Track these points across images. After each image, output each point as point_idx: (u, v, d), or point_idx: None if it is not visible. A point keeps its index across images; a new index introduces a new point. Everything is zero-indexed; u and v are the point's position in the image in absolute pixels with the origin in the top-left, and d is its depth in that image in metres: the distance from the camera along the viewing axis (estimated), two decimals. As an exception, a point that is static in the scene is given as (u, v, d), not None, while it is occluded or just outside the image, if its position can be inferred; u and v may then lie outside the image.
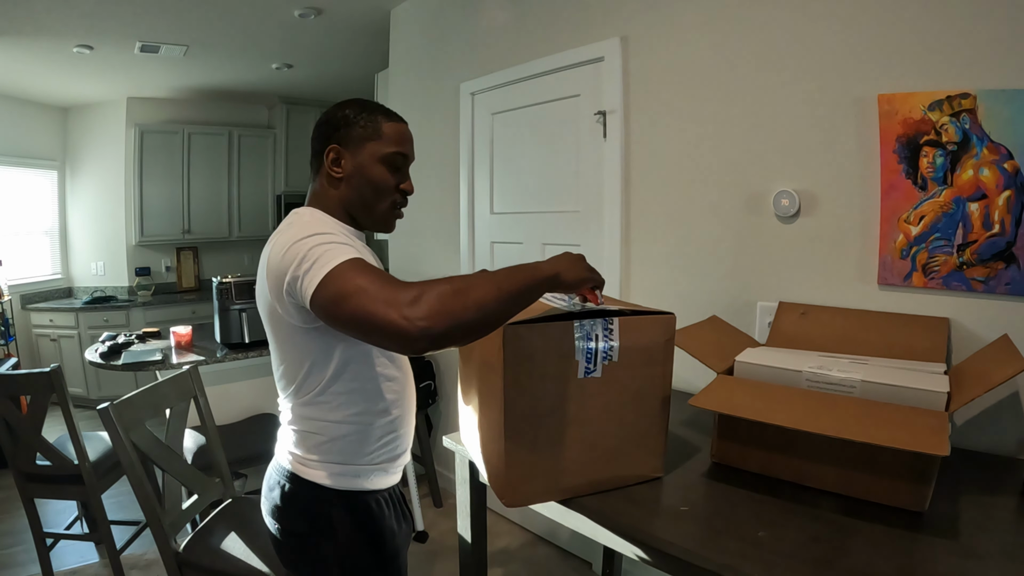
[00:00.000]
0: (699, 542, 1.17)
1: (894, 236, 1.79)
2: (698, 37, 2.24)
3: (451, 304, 1.01)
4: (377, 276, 1.07)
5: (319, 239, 1.15)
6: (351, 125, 1.37)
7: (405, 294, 1.01)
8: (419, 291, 1.01)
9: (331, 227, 1.25)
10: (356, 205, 1.39)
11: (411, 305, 0.99)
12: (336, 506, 1.36)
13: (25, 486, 2.67)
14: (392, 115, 1.41)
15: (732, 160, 2.17)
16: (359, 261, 1.11)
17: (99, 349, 3.40)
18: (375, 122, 1.37)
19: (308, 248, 1.15)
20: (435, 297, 1.00)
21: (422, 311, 0.99)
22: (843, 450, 1.29)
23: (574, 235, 2.79)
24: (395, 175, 1.39)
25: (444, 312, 1.00)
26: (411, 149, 1.43)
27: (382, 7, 3.83)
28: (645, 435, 1.37)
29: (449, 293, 1.02)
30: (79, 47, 4.30)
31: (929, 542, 1.14)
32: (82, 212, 6.13)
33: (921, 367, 1.53)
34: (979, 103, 1.62)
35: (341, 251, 1.12)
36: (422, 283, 1.04)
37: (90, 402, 5.40)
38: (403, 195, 1.42)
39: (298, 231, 1.20)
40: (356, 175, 1.37)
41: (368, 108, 1.39)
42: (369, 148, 1.36)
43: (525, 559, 2.99)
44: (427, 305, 0.99)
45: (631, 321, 1.30)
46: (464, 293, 1.03)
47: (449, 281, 1.04)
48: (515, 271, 1.12)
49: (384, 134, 1.37)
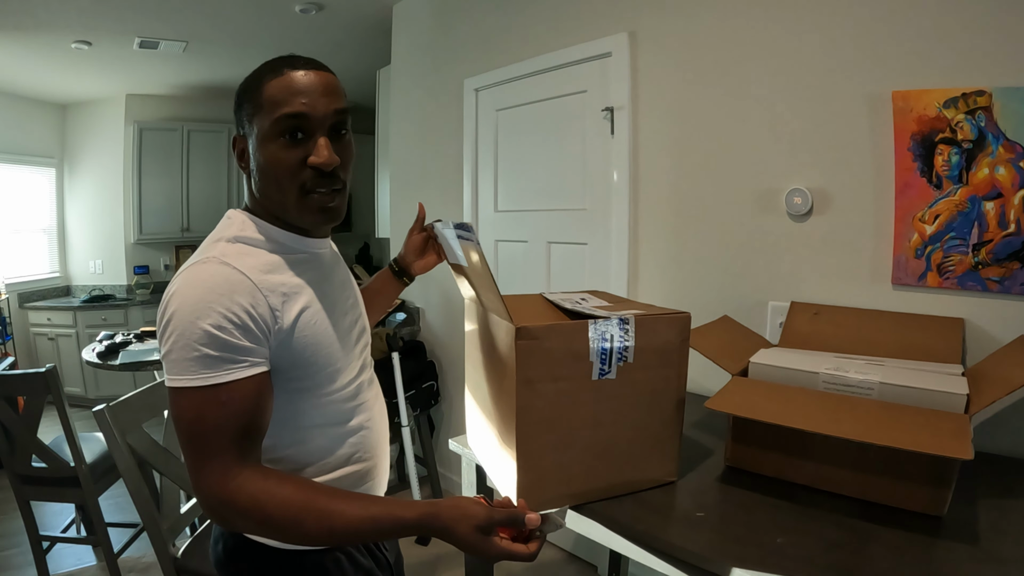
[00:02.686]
0: (717, 550, 1.14)
1: (908, 235, 1.77)
2: (708, 32, 2.22)
3: (254, 531, 0.97)
4: (206, 432, 0.92)
5: (185, 329, 0.92)
6: (242, 107, 1.07)
7: (219, 487, 0.92)
8: (235, 495, 0.91)
9: (246, 267, 0.98)
10: (273, 205, 1.08)
11: (218, 503, 0.92)
12: (283, 570, 1.12)
13: (21, 488, 2.65)
14: (279, 66, 1.04)
15: (743, 157, 2.15)
16: (209, 396, 0.92)
17: (96, 349, 3.38)
18: (258, 90, 1.03)
19: (166, 326, 0.94)
20: (235, 518, 0.93)
21: (223, 517, 0.94)
22: (861, 453, 1.27)
23: (581, 233, 2.76)
24: (296, 148, 1.02)
25: (241, 529, 0.98)
26: (315, 101, 1.02)
27: (384, 2, 3.81)
28: (659, 438, 1.34)
29: (258, 528, 0.95)
30: (77, 43, 4.29)
31: (949, 547, 1.12)
32: (80, 210, 6.10)
33: (938, 368, 1.51)
34: (994, 100, 1.60)
35: (195, 364, 0.91)
36: (247, 490, 0.92)
37: (88, 402, 5.37)
38: (315, 172, 1.04)
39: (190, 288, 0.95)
40: (256, 165, 1.06)
41: (254, 75, 1.06)
42: (257, 126, 1.03)
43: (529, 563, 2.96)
44: (234, 515, 0.93)
45: (646, 321, 1.27)
46: (281, 534, 0.95)
47: (265, 517, 0.92)
48: (380, 527, 0.95)
49: (266, 100, 1.02)
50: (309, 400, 1.07)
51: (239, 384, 0.93)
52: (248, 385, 0.94)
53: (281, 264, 1.05)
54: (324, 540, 0.97)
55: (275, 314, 0.98)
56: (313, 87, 1.02)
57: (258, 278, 0.98)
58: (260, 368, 0.97)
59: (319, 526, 0.92)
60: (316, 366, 1.05)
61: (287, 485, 0.94)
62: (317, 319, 1.06)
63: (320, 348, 1.05)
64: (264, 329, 0.97)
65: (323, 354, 1.06)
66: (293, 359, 1.02)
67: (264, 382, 0.97)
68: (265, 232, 1.07)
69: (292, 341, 1.01)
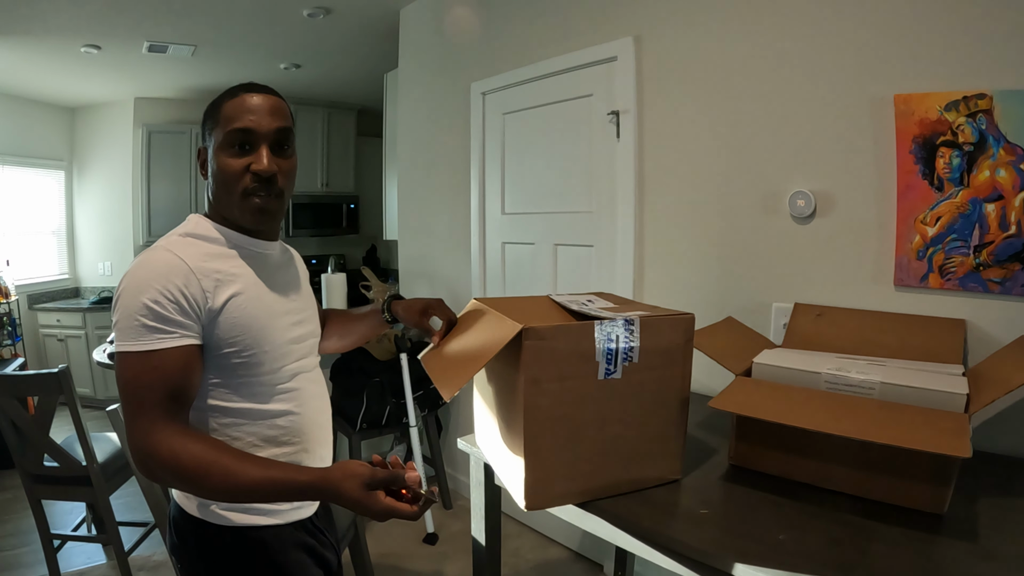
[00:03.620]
0: (720, 545, 1.16)
1: (910, 237, 1.78)
2: (712, 36, 2.24)
3: (171, 483, 1.08)
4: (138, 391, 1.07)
5: (129, 303, 1.08)
6: (206, 120, 1.24)
7: (144, 438, 1.05)
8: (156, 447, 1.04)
9: (186, 255, 1.14)
10: (222, 206, 1.25)
11: (142, 454, 1.05)
12: (228, 545, 1.22)
13: (32, 487, 2.67)
14: (237, 90, 1.22)
15: (747, 160, 2.16)
16: (143, 360, 1.07)
17: (107, 349, 3.41)
18: (217, 108, 1.21)
19: (116, 302, 1.11)
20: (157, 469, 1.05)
21: (145, 466, 1.05)
22: (862, 452, 1.28)
23: (587, 236, 2.78)
24: (242, 157, 1.20)
25: (162, 481, 1.08)
26: (260, 119, 1.19)
27: (392, 6, 3.83)
28: (664, 437, 1.37)
29: (175, 480, 1.06)
30: (87, 47, 4.31)
31: (949, 544, 1.14)
32: (89, 212, 6.14)
33: (939, 368, 1.53)
34: (995, 103, 1.62)
35: (134, 333, 1.07)
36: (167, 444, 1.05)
37: (97, 402, 5.42)
38: (255, 177, 1.20)
39: (137, 269, 1.12)
40: (211, 173, 1.23)
41: (219, 96, 1.24)
42: (215, 138, 1.20)
43: (536, 562, 2.99)
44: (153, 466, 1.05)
45: (651, 322, 1.29)
46: (191, 485, 1.06)
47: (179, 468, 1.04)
48: (277, 486, 1.06)
49: (222, 117, 1.20)
50: (238, 378, 1.19)
51: (169, 352, 1.08)
52: (176, 353, 1.09)
53: (221, 256, 1.21)
54: (228, 495, 1.07)
55: (206, 295, 1.13)
56: (261, 108, 1.20)
57: (195, 264, 1.14)
58: (189, 340, 1.11)
59: (224, 481, 1.03)
60: (242, 345, 1.17)
61: (201, 443, 1.07)
62: (247, 304, 1.18)
63: (248, 331, 1.18)
64: (195, 307, 1.12)
65: (250, 336, 1.18)
66: (221, 336, 1.15)
67: (192, 353, 1.12)
68: (214, 230, 1.24)
69: (219, 320, 1.15)
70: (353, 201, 6.76)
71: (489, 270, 3.34)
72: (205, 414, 1.19)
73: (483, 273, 3.38)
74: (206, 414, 1.19)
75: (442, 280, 3.72)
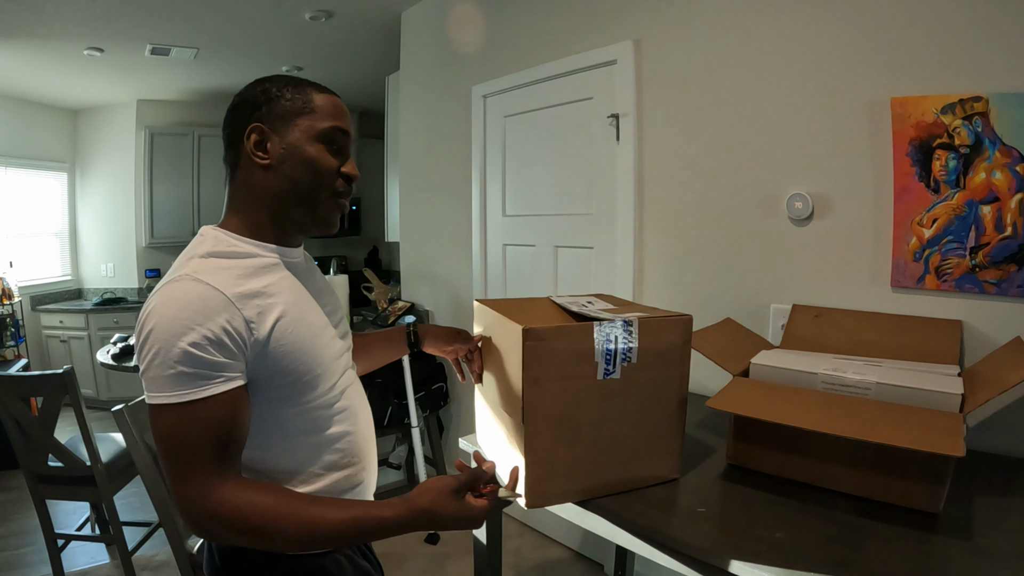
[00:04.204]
0: (716, 543, 1.17)
1: (907, 239, 1.79)
2: (711, 40, 2.25)
3: (237, 541, 0.99)
4: (186, 447, 0.94)
5: (161, 347, 0.93)
6: (275, 100, 1.11)
7: (200, 500, 0.94)
8: (217, 506, 0.94)
9: (218, 282, 0.99)
10: (288, 199, 1.11)
11: (200, 516, 0.94)
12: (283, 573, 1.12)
13: (37, 487, 2.69)
14: (322, 87, 1.17)
15: (745, 163, 2.18)
16: (187, 412, 0.94)
17: (111, 350, 3.42)
18: (305, 94, 1.12)
19: (143, 344, 0.96)
20: (219, 529, 0.95)
21: (205, 529, 0.95)
22: (858, 451, 1.30)
23: (587, 238, 2.80)
24: (336, 156, 1.14)
25: (225, 540, 0.99)
26: (350, 125, 1.17)
27: (393, 9, 3.85)
28: (662, 436, 1.38)
29: (242, 538, 0.97)
30: (89, 50, 4.33)
31: (943, 542, 1.15)
32: (92, 214, 6.17)
33: (935, 369, 1.54)
34: (991, 106, 1.63)
35: (173, 381, 0.93)
36: (229, 501, 0.94)
37: (101, 403, 5.43)
38: (346, 181, 1.15)
39: (165, 307, 0.96)
40: (288, 158, 1.09)
41: (293, 81, 1.15)
42: (301, 124, 1.10)
43: (537, 561, 3.00)
44: (216, 527, 0.95)
45: (650, 323, 1.30)
46: (263, 541, 0.98)
47: (248, 525, 0.95)
48: (362, 528, 0.99)
49: (317, 106, 1.12)
50: (292, 408, 1.08)
51: (215, 400, 0.95)
52: (224, 400, 0.96)
53: (254, 275, 1.06)
54: (307, 545, 1.00)
55: (250, 326, 1.00)
56: (348, 114, 1.17)
57: (232, 292, 0.99)
58: (236, 383, 0.98)
59: (301, 531, 0.95)
60: (296, 373, 1.06)
61: (268, 494, 0.97)
62: (293, 327, 1.06)
63: (299, 356, 1.06)
64: (240, 343, 0.98)
65: (302, 361, 1.07)
66: (272, 369, 1.03)
67: (240, 396, 0.99)
68: (237, 245, 1.09)
69: (268, 351, 1.02)
70: (355, 203, 6.77)
71: (490, 272, 3.36)
72: (261, 453, 1.08)
73: (484, 275, 3.39)
74: (262, 452, 1.08)
75: (443, 282, 3.73)
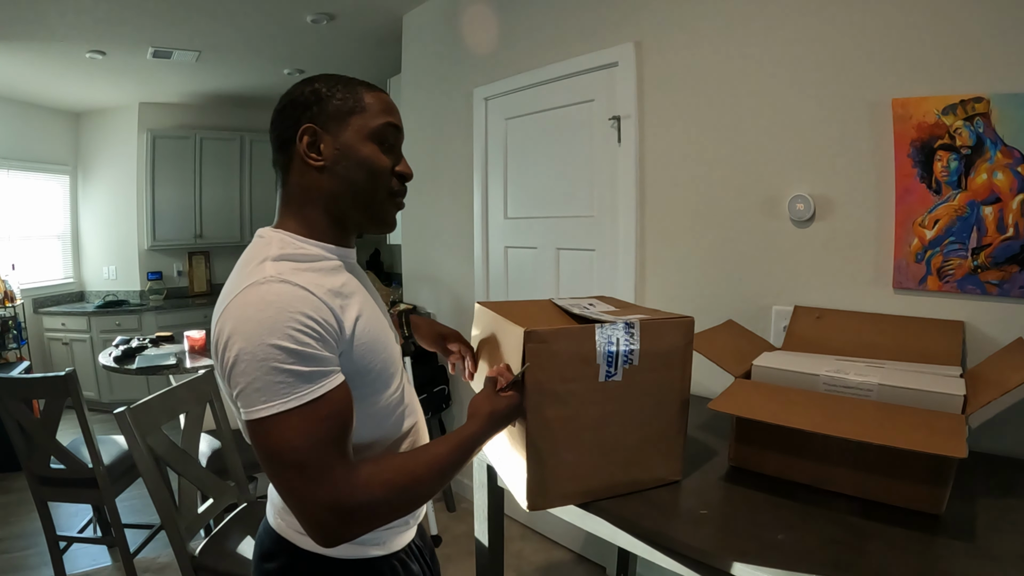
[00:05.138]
0: (719, 545, 1.17)
1: (909, 240, 1.79)
2: (712, 42, 2.25)
3: (388, 515, 0.98)
4: (315, 448, 0.90)
5: (258, 353, 0.88)
6: (325, 100, 1.08)
7: (341, 496, 0.90)
8: (359, 494, 0.92)
9: (304, 282, 0.96)
10: (345, 200, 1.09)
11: (345, 513, 0.91)
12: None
13: (39, 489, 2.69)
14: (372, 85, 1.14)
15: (747, 165, 2.18)
16: (307, 413, 0.90)
17: (113, 353, 3.43)
18: (355, 92, 1.10)
19: (233, 357, 0.90)
20: (371, 512, 0.94)
21: (350, 525, 0.93)
22: (861, 453, 1.30)
23: (589, 240, 2.80)
24: (389, 155, 1.12)
25: (376, 522, 0.97)
26: (400, 122, 1.15)
27: (394, 12, 3.86)
28: (664, 438, 1.38)
29: (391, 506, 0.97)
30: (91, 53, 4.34)
31: (946, 544, 1.15)
32: (94, 216, 6.17)
33: (937, 370, 1.54)
34: (992, 107, 1.63)
35: (286, 386, 0.89)
36: (368, 479, 0.94)
37: (102, 406, 5.44)
38: (400, 180, 1.14)
39: (253, 312, 0.91)
40: (342, 159, 1.07)
41: (342, 80, 1.12)
42: (354, 123, 1.08)
43: (539, 564, 3.00)
44: (361, 520, 0.94)
45: (651, 325, 1.30)
46: (410, 502, 1.00)
47: (393, 488, 0.96)
48: (463, 447, 1.09)
49: (368, 104, 1.10)
50: (366, 410, 1.06)
51: (334, 393, 0.93)
52: (341, 391, 0.95)
53: (329, 275, 1.05)
54: (439, 484, 1.05)
55: (340, 323, 0.98)
56: (399, 112, 1.16)
57: (319, 291, 0.96)
58: (342, 376, 0.97)
59: (431, 474, 1.02)
60: (374, 372, 1.06)
61: (384, 462, 0.99)
62: (369, 326, 1.05)
63: (376, 353, 1.06)
64: (335, 338, 0.96)
65: (379, 359, 1.07)
66: (354, 367, 1.02)
67: (347, 386, 0.98)
68: (304, 247, 1.07)
69: (353, 349, 1.01)
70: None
71: (492, 274, 3.36)
72: None
73: (486, 277, 3.39)
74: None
75: (445, 284, 3.74)
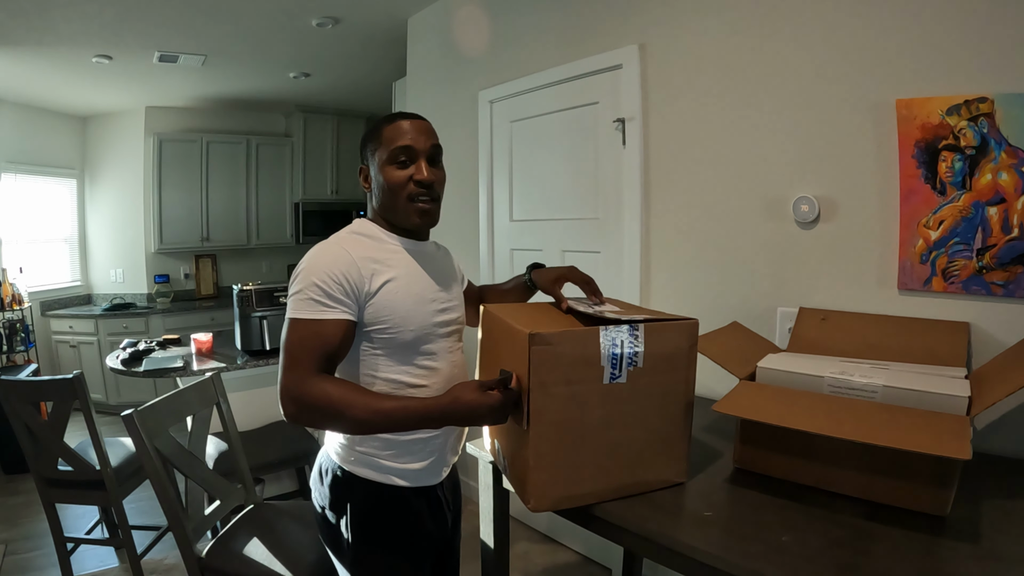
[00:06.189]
0: (724, 547, 1.17)
1: (913, 241, 1.79)
2: (716, 44, 2.26)
3: (319, 420, 1.30)
4: (299, 349, 1.29)
5: (303, 282, 1.33)
6: (365, 143, 1.51)
7: (297, 385, 1.27)
8: (308, 390, 1.26)
9: (350, 247, 1.39)
10: (386, 210, 1.48)
11: (293, 397, 1.27)
12: (372, 494, 1.45)
13: (46, 491, 2.69)
14: (395, 116, 1.48)
15: (751, 166, 2.18)
16: (307, 326, 1.31)
17: (120, 356, 3.43)
18: (378, 131, 1.47)
19: (293, 281, 1.36)
20: (309, 409, 1.27)
21: (295, 407, 1.27)
22: (865, 455, 1.29)
23: (594, 242, 2.80)
24: (404, 169, 1.44)
25: (314, 417, 1.29)
26: (416, 138, 1.44)
27: (399, 16, 3.86)
28: (669, 440, 1.38)
29: (321, 416, 1.28)
30: (98, 57, 4.37)
31: (951, 546, 1.15)
32: (101, 220, 6.20)
33: (942, 371, 1.54)
34: (997, 107, 1.63)
35: (304, 305, 1.31)
36: (319, 388, 1.27)
37: (109, 408, 5.46)
38: (417, 184, 1.44)
39: (312, 257, 1.37)
40: (375, 184, 1.48)
41: (379, 120, 1.49)
42: (378, 157, 1.46)
43: (545, 566, 3.00)
44: (302, 407, 1.27)
45: (656, 327, 1.30)
46: (336, 419, 1.28)
47: (329, 403, 1.26)
48: (409, 413, 1.29)
49: (383, 138, 1.45)
50: (383, 349, 1.41)
51: (329, 322, 1.31)
52: (335, 324, 1.32)
53: (381, 250, 1.43)
54: (369, 424, 1.28)
55: (364, 280, 1.36)
56: (415, 129, 1.45)
57: (356, 255, 1.37)
58: (347, 316, 1.33)
59: (365, 412, 1.25)
60: (389, 323, 1.38)
61: (342, 386, 1.29)
62: (399, 289, 1.39)
63: (396, 311, 1.38)
64: (354, 290, 1.34)
65: (398, 316, 1.38)
66: (376, 314, 1.37)
67: (347, 327, 1.34)
68: (371, 231, 1.47)
69: (375, 300, 1.36)
70: (362, 208, 6.77)
71: (498, 276, 3.36)
72: (358, 380, 1.42)
73: (492, 279, 3.40)
74: (359, 380, 1.42)
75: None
